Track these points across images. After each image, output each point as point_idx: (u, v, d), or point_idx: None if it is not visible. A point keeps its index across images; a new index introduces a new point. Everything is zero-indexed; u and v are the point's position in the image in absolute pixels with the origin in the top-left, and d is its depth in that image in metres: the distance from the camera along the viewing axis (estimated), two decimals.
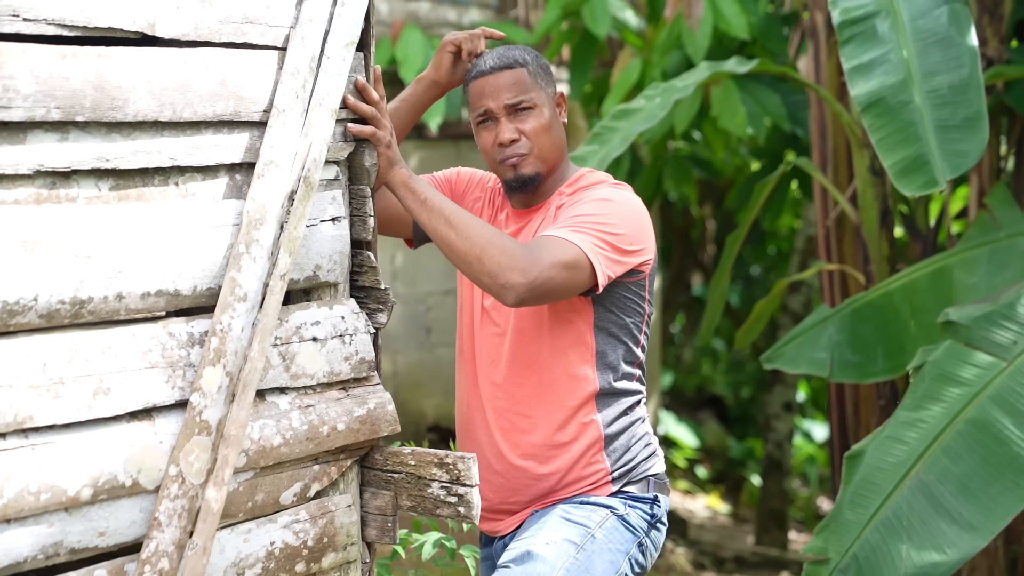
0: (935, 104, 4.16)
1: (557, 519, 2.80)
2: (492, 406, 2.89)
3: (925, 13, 4.28)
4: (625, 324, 2.85)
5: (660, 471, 2.93)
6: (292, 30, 2.51)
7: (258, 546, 2.44)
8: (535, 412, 2.85)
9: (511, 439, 2.87)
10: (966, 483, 3.59)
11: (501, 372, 2.87)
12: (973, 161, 4.11)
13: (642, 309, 2.87)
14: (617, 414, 2.86)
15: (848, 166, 5.73)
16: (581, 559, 2.74)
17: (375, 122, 2.62)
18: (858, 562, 3.62)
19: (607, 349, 2.84)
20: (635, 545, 2.83)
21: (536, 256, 2.62)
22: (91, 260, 2.19)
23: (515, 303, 2.62)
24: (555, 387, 2.84)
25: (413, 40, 6.83)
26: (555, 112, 2.90)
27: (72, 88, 2.17)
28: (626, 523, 2.82)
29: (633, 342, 2.88)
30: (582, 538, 2.76)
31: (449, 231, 2.63)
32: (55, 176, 2.20)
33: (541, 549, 2.72)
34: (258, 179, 2.42)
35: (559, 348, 2.83)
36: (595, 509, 2.82)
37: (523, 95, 2.85)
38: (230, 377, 2.34)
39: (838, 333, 4.81)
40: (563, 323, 2.82)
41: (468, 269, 2.63)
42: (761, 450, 9.84)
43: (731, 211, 9.72)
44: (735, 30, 6.16)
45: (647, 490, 2.87)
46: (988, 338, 3.78)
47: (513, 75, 2.86)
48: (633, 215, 2.81)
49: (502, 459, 2.87)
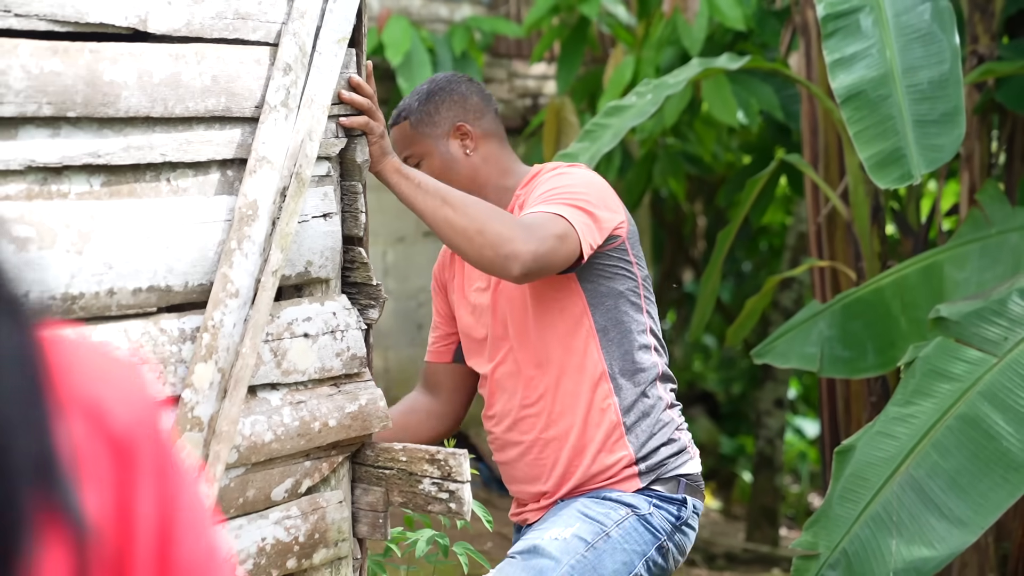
0: (914, 99, 4.19)
1: (574, 513, 2.78)
2: (521, 410, 2.89)
3: (909, 9, 4.31)
4: (620, 291, 2.84)
5: (693, 471, 2.89)
6: (284, 26, 2.51)
7: (249, 542, 2.44)
8: (556, 408, 2.85)
9: (538, 434, 2.87)
10: (956, 478, 3.60)
11: (521, 384, 2.88)
12: (949, 156, 4.15)
13: (632, 273, 2.85)
14: (636, 395, 2.84)
15: (839, 162, 5.74)
16: (590, 557, 2.72)
17: (369, 113, 2.62)
18: (847, 557, 3.63)
19: (608, 324, 2.83)
20: (654, 547, 2.79)
21: (533, 229, 2.63)
22: (82, 256, 2.19)
23: (520, 272, 2.61)
24: (565, 377, 2.84)
25: (399, 27, 6.84)
26: (453, 146, 2.88)
27: (64, 84, 2.17)
28: (647, 523, 2.79)
29: (634, 309, 2.86)
30: (594, 536, 2.74)
31: (447, 209, 2.63)
32: (46, 172, 2.20)
33: (549, 544, 2.71)
34: (250, 175, 2.42)
35: (560, 338, 2.83)
36: (616, 507, 2.80)
37: (407, 150, 2.89)
38: (222, 373, 2.34)
39: (828, 329, 4.82)
40: (557, 312, 2.82)
41: (469, 244, 2.62)
42: (752, 446, 9.85)
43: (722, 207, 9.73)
44: (731, 22, 6.18)
45: (676, 491, 2.84)
46: (979, 334, 3.79)
47: (398, 131, 2.92)
48: (594, 182, 2.82)
49: (532, 456, 2.88)
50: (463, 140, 2.89)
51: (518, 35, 7.55)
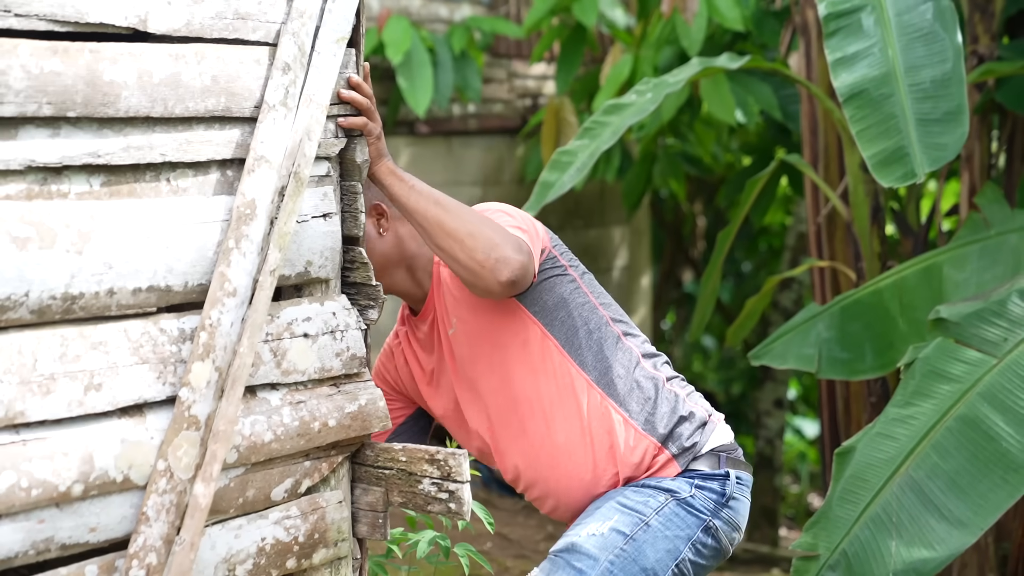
0: (917, 98, 4.19)
1: (613, 506, 2.76)
2: (531, 453, 2.87)
3: (911, 8, 4.31)
4: (563, 297, 2.83)
5: (727, 441, 2.86)
6: (283, 26, 2.51)
7: (249, 542, 2.44)
8: (560, 441, 2.83)
9: (555, 471, 2.85)
10: (956, 479, 3.60)
11: (512, 434, 2.86)
12: (952, 154, 4.14)
13: (567, 274, 2.85)
14: (628, 386, 2.82)
15: (839, 163, 5.74)
16: (629, 550, 2.71)
17: (368, 114, 2.63)
18: (847, 558, 3.63)
19: (569, 333, 2.82)
20: (700, 529, 2.77)
21: (519, 242, 2.67)
22: (82, 256, 2.19)
23: (508, 278, 2.62)
24: (555, 403, 2.83)
25: (399, 26, 6.84)
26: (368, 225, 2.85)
27: (63, 84, 2.17)
28: (688, 507, 2.77)
29: (586, 309, 2.85)
30: (633, 527, 2.73)
31: (439, 210, 2.64)
32: (46, 172, 2.20)
33: (586, 541, 2.71)
34: (248, 174, 2.42)
35: (529, 367, 2.83)
36: (655, 494, 2.78)
37: None
38: (219, 372, 2.34)
39: (827, 330, 4.82)
40: (520, 346, 2.82)
41: (460, 247, 2.62)
42: (752, 447, 9.85)
43: (722, 208, 9.73)
44: (730, 22, 6.19)
45: (718, 466, 2.81)
46: (979, 335, 3.79)
47: None
48: (512, 209, 2.84)
49: (558, 490, 2.86)
50: (379, 219, 2.88)
51: (518, 35, 7.56)
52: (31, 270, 2.12)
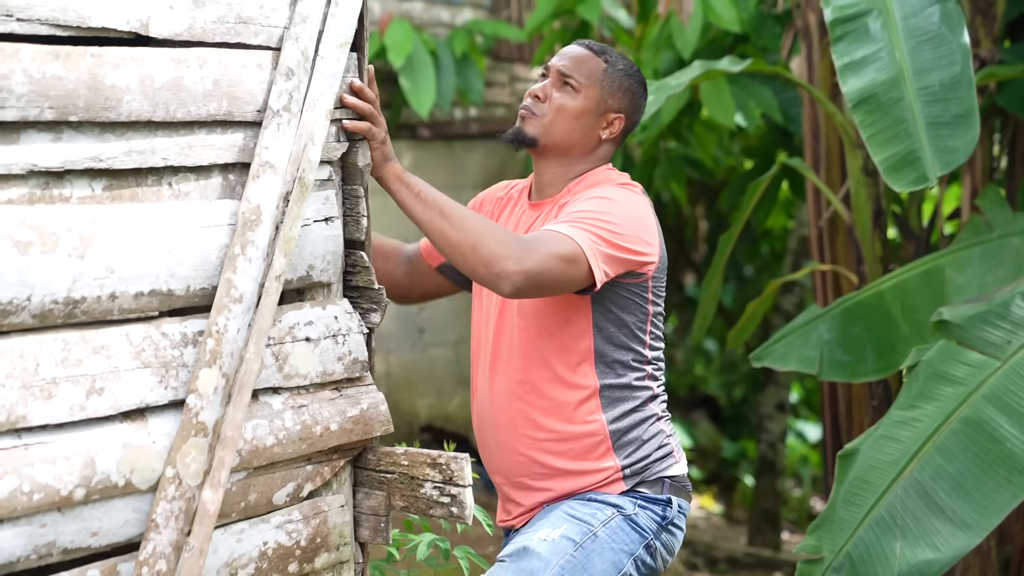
0: (926, 101, 4.17)
1: (561, 515, 2.80)
2: (506, 397, 2.89)
3: (917, 12, 4.30)
4: (625, 323, 2.85)
5: (679, 473, 2.91)
6: (286, 30, 2.51)
7: (251, 546, 2.44)
8: (542, 406, 2.86)
9: (521, 430, 2.87)
10: (960, 481, 3.60)
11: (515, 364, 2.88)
12: (964, 157, 4.12)
13: (644, 309, 2.87)
14: (623, 412, 2.85)
15: (841, 166, 5.73)
16: (579, 557, 2.73)
17: (371, 119, 2.63)
18: (852, 560, 3.63)
19: (606, 349, 2.84)
20: (642, 546, 2.81)
21: (532, 247, 2.64)
22: (84, 260, 2.19)
23: (511, 292, 2.62)
24: (556, 384, 2.85)
25: (401, 30, 6.85)
26: (594, 117, 2.89)
27: (66, 88, 2.17)
28: (633, 523, 2.81)
29: (636, 342, 2.87)
30: (582, 536, 2.76)
31: (444, 222, 2.63)
32: (48, 176, 2.20)
33: (538, 545, 2.72)
34: (253, 180, 2.42)
35: (559, 347, 2.84)
36: (601, 507, 2.82)
37: (577, 75, 2.89)
38: (226, 379, 2.34)
39: (828, 332, 4.81)
40: (562, 322, 2.83)
41: (464, 259, 2.63)
42: (754, 450, 9.84)
43: (724, 211, 9.73)
44: (725, 23, 6.17)
45: (661, 491, 2.86)
46: (982, 337, 3.78)
47: (587, 58, 2.91)
48: (635, 215, 2.81)
49: (514, 450, 2.88)
50: (604, 123, 2.91)
51: (519, 39, 7.56)
52: (33, 274, 2.12)
